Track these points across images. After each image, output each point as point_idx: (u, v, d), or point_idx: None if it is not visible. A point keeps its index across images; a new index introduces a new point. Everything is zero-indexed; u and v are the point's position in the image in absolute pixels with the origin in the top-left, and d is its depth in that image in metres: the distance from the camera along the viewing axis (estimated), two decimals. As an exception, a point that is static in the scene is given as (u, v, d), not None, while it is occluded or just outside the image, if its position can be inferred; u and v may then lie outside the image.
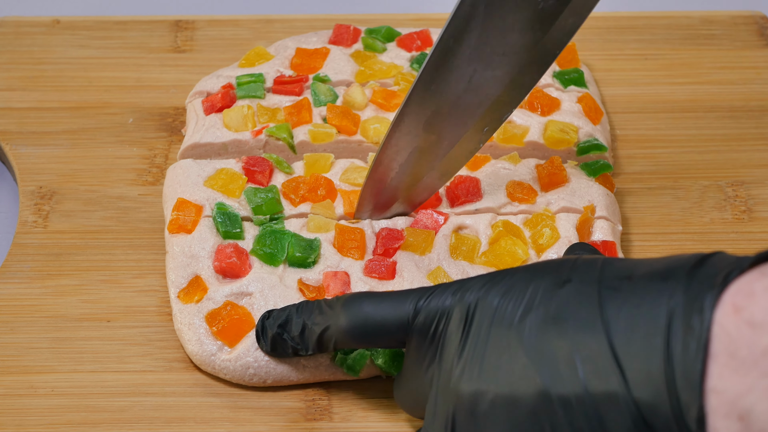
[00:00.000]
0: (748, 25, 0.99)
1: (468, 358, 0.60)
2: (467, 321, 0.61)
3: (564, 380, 0.56)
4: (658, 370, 0.54)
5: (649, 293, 0.56)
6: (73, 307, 0.77)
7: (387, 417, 0.72)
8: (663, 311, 0.54)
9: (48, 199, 0.84)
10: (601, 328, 0.56)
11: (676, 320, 0.54)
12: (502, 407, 0.58)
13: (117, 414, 0.72)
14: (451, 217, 0.78)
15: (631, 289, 0.56)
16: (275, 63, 0.89)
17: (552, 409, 0.56)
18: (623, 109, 0.92)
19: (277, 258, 0.76)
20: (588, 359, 0.56)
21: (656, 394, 0.54)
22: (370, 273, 0.75)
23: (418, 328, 0.64)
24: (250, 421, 0.72)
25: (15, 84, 0.92)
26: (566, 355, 0.56)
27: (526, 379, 0.57)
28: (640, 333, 0.55)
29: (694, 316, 0.53)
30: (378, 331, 0.65)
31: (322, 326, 0.68)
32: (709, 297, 0.53)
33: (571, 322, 0.57)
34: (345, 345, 0.67)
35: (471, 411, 0.59)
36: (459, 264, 0.76)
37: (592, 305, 0.57)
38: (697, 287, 0.54)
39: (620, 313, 0.56)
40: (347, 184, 0.81)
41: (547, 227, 0.77)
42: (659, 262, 0.57)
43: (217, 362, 0.73)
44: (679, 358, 0.53)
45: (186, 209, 0.78)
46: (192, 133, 0.85)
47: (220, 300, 0.74)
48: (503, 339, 0.59)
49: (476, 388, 0.59)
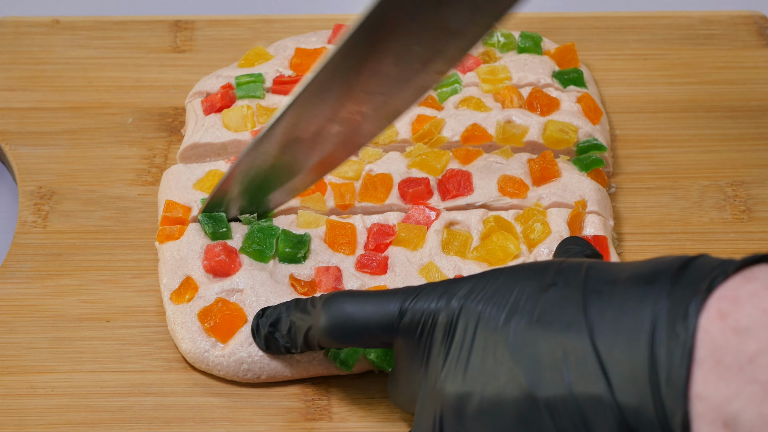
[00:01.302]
0: (748, 25, 0.99)
1: (453, 361, 0.60)
2: (452, 324, 0.61)
3: (549, 383, 0.56)
4: (642, 376, 0.54)
5: (633, 297, 0.56)
6: (73, 307, 0.77)
7: (386, 417, 0.72)
8: (647, 316, 0.54)
9: (47, 199, 0.84)
10: (585, 331, 0.56)
11: (661, 326, 0.54)
12: (488, 409, 0.58)
13: (116, 414, 0.72)
14: (443, 212, 0.78)
15: (615, 293, 0.56)
16: (275, 63, 0.89)
17: (538, 411, 0.56)
18: (623, 109, 0.92)
19: (266, 255, 0.76)
20: (573, 363, 0.56)
21: (641, 398, 0.54)
22: (361, 268, 0.75)
23: (404, 330, 0.64)
24: (250, 421, 0.72)
25: (15, 84, 0.92)
26: (551, 359, 0.57)
27: (511, 382, 0.57)
28: (625, 337, 0.55)
29: (679, 322, 0.53)
30: (360, 331, 0.65)
31: (306, 325, 0.68)
32: (693, 303, 0.53)
33: (555, 326, 0.57)
34: (326, 344, 0.67)
35: (458, 412, 0.59)
36: (451, 259, 0.76)
37: (576, 309, 0.57)
38: (681, 292, 0.54)
39: (604, 317, 0.56)
40: (337, 177, 0.81)
41: (539, 222, 0.77)
42: (644, 266, 0.57)
43: (210, 359, 0.73)
44: (664, 364, 0.53)
45: (174, 210, 0.78)
46: (191, 133, 0.85)
47: (211, 297, 0.74)
48: (488, 342, 0.59)
49: (462, 390, 0.59)
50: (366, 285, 0.75)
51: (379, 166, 0.82)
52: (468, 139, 0.83)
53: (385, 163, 0.82)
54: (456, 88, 0.87)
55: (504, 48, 0.91)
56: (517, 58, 0.90)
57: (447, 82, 0.87)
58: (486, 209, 0.79)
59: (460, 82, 0.88)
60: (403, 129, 0.84)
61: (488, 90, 0.87)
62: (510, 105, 0.86)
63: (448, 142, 0.84)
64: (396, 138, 0.84)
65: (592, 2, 1.07)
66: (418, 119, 0.84)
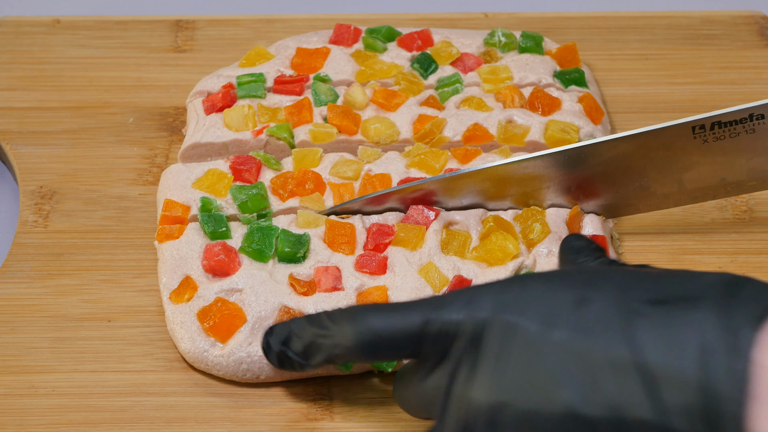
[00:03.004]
0: (749, 25, 0.99)
1: (486, 371, 0.59)
2: (480, 335, 0.60)
3: (593, 401, 0.55)
4: (695, 405, 0.53)
5: (680, 322, 0.55)
6: (74, 307, 0.77)
7: (388, 417, 0.72)
8: (696, 342, 0.54)
9: (48, 199, 0.84)
10: (632, 353, 0.55)
11: (713, 356, 0.53)
12: (526, 421, 0.57)
13: (118, 414, 0.72)
14: (442, 212, 0.78)
15: (660, 316, 0.56)
16: (276, 63, 0.89)
17: (579, 428, 0.56)
18: (624, 109, 0.92)
19: (265, 254, 0.76)
20: (620, 383, 0.55)
21: (693, 427, 0.53)
22: (361, 268, 0.75)
23: (429, 340, 0.62)
24: (252, 421, 0.72)
25: (15, 84, 0.92)
26: (595, 377, 0.56)
27: (552, 396, 0.57)
28: (675, 364, 0.54)
29: (733, 353, 0.52)
30: (388, 345, 0.63)
31: (329, 342, 0.65)
32: (745, 333, 0.53)
33: (600, 344, 0.56)
34: (353, 361, 0.66)
35: (491, 422, 0.59)
36: (450, 259, 0.76)
37: (620, 328, 0.56)
38: (732, 323, 0.53)
39: (650, 342, 0.55)
40: (337, 178, 0.81)
41: (537, 222, 0.77)
42: (685, 284, 0.57)
43: (210, 358, 0.73)
44: (720, 396, 0.52)
45: (172, 209, 0.78)
46: (192, 133, 0.85)
47: (210, 297, 0.74)
48: (526, 354, 0.58)
49: (497, 401, 0.58)
50: (365, 285, 0.75)
51: (378, 166, 0.82)
52: (469, 139, 0.83)
53: (384, 163, 0.82)
54: (457, 88, 0.87)
55: (505, 48, 0.91)
56: (518, 58, 0.90)
57: (448, 81, 0.87)
58: (485, 210, 0.79)
59: (462, 82, 0.88)
60: (405, 129, 0.84)
61: (490, 90, 0.87)
62: (511, 105, 0.86)
63: (450, 142, 0.84)
64: (397, 138, 0.84)
65: (594, 2, 1.07)
66: (420, 119, 0.84)
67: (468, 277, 0.75)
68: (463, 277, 0.75)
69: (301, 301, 0.74)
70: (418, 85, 0.87)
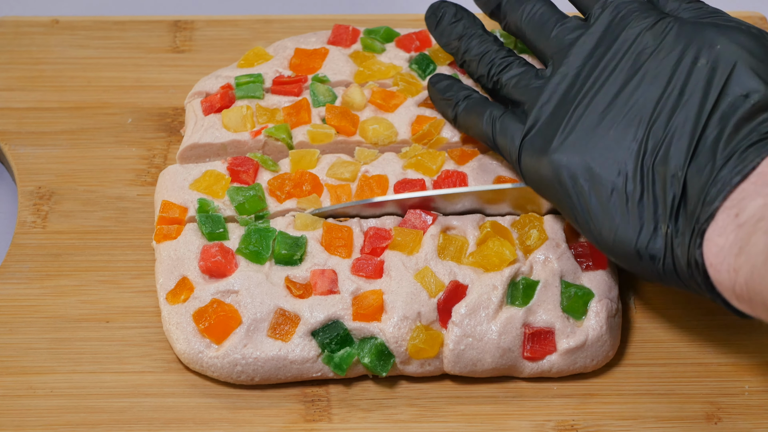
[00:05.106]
0: (747, 26, 0.99)
1: None
2: None
3: None
4: None
5: None
6: (72, 308, 0.77)
7: (386, 418, 0.72)
8: None
9: (47, 200, 0.84)
10: None
11: None
12: None
13: (116, 415, 0.72)
14: (439, 217, 0.78)
15: None
16: (274, 63, 0.89)
17: None
18: (622, 110, 0.92)
19: (262, 256, 0.76)
20: None
21: None
22: (357, 272, 0.76)
23: None
24: (249, 422, 0.72)
25: (14, 84, 0.92)
26: None
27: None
28: None
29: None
30: None
31: None
32: None
33: None
34: None
35: None
36: (446, 264, 0.76)
37: None
38: None
39: None
40: (334, 179, 0.81)
41: (535, 229, 0.77)
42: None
43: (204, 360, 0.73)
44: None
45: (170, 210, 0.78)
46: (191, 134, 0.85)
47: (206, 298, 0.74)
48: None
49: None
50: (361, 288, 0.75)
51: (374, 168, 0.82)
52: (468, 139, 0.83)
53: (380, 164, 0.82)
54: (455, 89, 0.87)
55: (503, 48, 0.91)
56: (516, 58, 0.90)
57: (446, 82, 0.87)
58: (482, 214, 0.79)
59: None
60: (403, 130, 0.84)
61: (487, 91, 0.87)
62: (509, 106, 0.86)
63: (448, 143, 0.84)
64: (396, 139, 0.84)
65: (592, 2, 1.06)
66: (418, 120, 0.84)
67: (464, 282, 0.75)
68: (459, 283, 0.75)
69: (297, 303, 0.74)
70: (417, 85, 0.87)
